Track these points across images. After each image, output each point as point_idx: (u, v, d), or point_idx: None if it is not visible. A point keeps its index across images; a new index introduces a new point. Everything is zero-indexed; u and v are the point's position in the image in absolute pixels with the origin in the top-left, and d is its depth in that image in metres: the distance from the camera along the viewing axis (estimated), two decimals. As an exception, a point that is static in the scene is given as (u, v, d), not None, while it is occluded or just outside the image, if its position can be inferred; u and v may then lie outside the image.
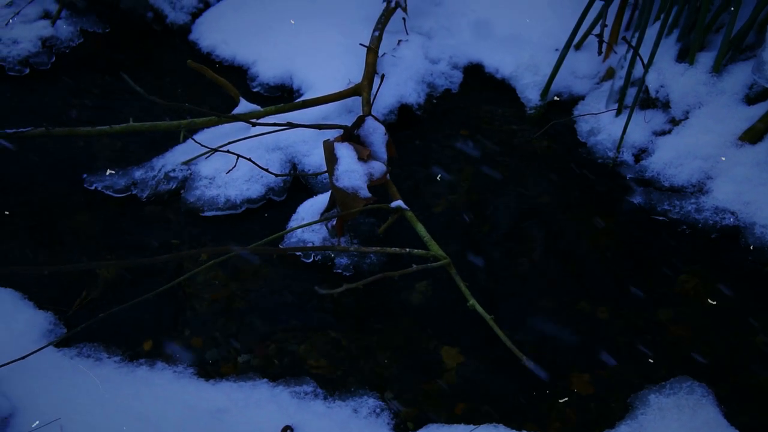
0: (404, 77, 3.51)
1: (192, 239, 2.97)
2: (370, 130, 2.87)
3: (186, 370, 2.49)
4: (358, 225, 2.95)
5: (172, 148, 3.28)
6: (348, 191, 2.73)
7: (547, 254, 2.92)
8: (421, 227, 2.69)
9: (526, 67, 3.64)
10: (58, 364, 2.45)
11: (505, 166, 3.28)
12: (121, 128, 3.11)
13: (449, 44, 3.77)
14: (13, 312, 2.62)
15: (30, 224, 3.02)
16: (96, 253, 2.92)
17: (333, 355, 2.59)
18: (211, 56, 3.82)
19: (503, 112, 3.55)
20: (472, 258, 2.88)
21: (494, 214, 3.09)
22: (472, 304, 2.42)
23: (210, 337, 2.64)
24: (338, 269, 2.84)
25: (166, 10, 4.00)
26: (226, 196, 3.04)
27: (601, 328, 2.66)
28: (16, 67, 3.65)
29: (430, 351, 2.60)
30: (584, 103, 3.50)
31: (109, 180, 3.15)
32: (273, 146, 3.18)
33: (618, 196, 3.12)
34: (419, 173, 3.24)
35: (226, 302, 2.75)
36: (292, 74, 3.64)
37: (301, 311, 2.74)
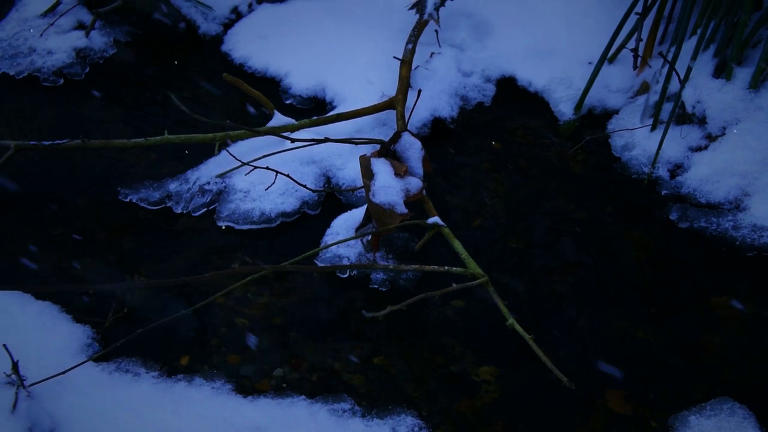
0: (437, 90, 3.51)
1: (227, 253, 2.97)
2: (406, 146, 2.87)
3: (224, 386, 2.49)
4: (392, 239, 2.95)
5: (206, 161, 3.28)
6: (384, 207, 2.73)
7: (582, 271, 2.91)
8: (458, 244, 2.68)
9: (559, 81, 3.63)
10: (97, 379, 2.46)
11: (538, 181, 3.27)
12: (156, 141, 3.13)
13: (481, 57, 3.76)
14: (52, 326, 2.63)
15: (65, 236, 3.03)
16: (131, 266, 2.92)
17: (369, 372, 2.59)
18: (244, 67, 3.82)
19: (536, 125, 3.54)
20: (507, 274, 2.87)
21: (529, 229, 3.08)
22: (511, 323, 2.41)
23: (246, 353, 2.64)
24: (374, 284, 2.84)
25: (199, 20, 4.01)
26: (261, 210, 3.05)
27: (638, 347, 2.65)
28: (50, 77, 3.67)
29: (466, 369, 2.60)
30: (618, 118, 3.48)
31: (143, 192, 3.16)
32: (307, 159, 3.18)
33: (654, 212, 3.11)
34: (452, 187, 3.24)
35: (261, 317, 2.75)
36: (324, 86, 3.64)
37: (336, 326, 2.74)
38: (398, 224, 2.71)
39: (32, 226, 3.06)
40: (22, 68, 3.70)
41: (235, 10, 4.10)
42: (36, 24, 3.86)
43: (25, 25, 3.87)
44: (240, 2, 4.11)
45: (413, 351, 2.65)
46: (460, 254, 2.65)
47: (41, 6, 3.94)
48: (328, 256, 2.90)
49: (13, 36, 3.82)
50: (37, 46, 3.76)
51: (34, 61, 3.71)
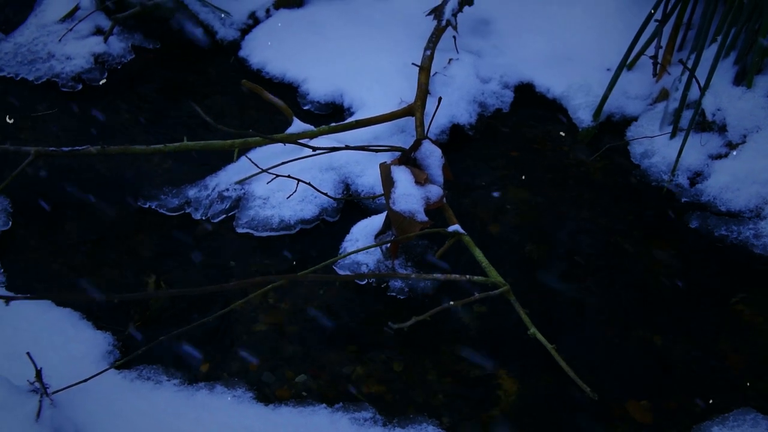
0: (456, 97, 3.50)
1: (246, 259, 2.97)
2: (426, 153, 2.86)
3: (245, 394, 2.49)
4: (411, 247, 2.95)
5: (225, 167, 3.28)
6: (405, 215, 2.72)
7: (602, 278, 2.90)
8: (479, 252, 2.68)
9: (578, 87, 3.62)
10: (119, 386, 2.46)
11: (557, 188, 3.27)
12: (174, 147, 3.13)
13: (499, 63, 3.76)
14: (73, 333, 2.63)
15: (85, 242, 3.03)
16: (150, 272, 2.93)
17: (389, 380, 2.59)
18: (261, 73, 3.83)
19: (555, 132, 3.54)
20: (525, 282, 2.86)
21: (547, 236, 3.08)
22: (533, 332, 2.41)
23: (266, 360, 2.64)
24: (392, 292, 2.84)
25: (216, 26, 4.02)
26: (280, 217, 3.05)
27: (658, 356, 2.64)
28: (69, 83, 3.68)
29: (486, 377, 2.59)
30: (637, 125, 3.47)
31: (162, 198, 3.16)
32: (326, 166, 3.18)
33: (674, 220, 3.10)
34: (471, 194, 3.23)
35: (280, 325, 2.75)
36: (342, 92, 3.64)
37: (355, 334, 2.74)
38: (418, 232, 2.70)
39: (52, 231, 3.07)
40: (41, 73, 3.72)
41: (252, 16, 4.10)
42: (54, 29, 3.88)
43: (44, 30, 3.88)
44: (257, 8, 4.11)
45: (433, 359, 2.65)
46: (480, 263, 2.65)
47: (60, 11, 3.95)
48: (347, 263, 2.90)
49: (32, 41, 3.83)
50: (55, 52, 3.77)
51: (52, 67, 3.73)
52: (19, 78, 3.72)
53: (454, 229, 2.75)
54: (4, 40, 3.87)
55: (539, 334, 2.40)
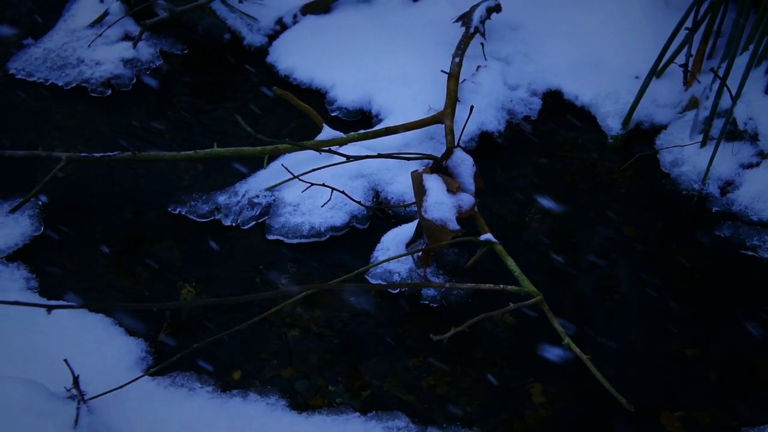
0: (484, 104, 3.50)
1: (277, 266, 2.98)
2: (458, 162, 2.86)
3: (278, 402, 2.49)
4: (442, 255, 2.95)
5: (254, 173, 3.29)
6: (437, 223, 2.72)
7: (633, 288, 2.89)
8: (512, 261, 2.67)
9: (606, 95, 3.61)
10: (153, 393, 2.47)
11: (587, 196, 3.26)
12: (205, 153, 3.14)
13: (527, 70, 3.76)
14: (106, 339, 2.64)
15: (116, 249, 3.05)
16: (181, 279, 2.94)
17: (421, 388, 2.59)
18: (289, 79, 3.84)
19: (583, 140, 3.53)
20: (555, 291, 2.86)
21: (578, 245, 3.07)
22: (567, 343, 2.40)
23: (298, 368, 2.64)
24: (425, 300, 2.84)
25: (244, 32, 4.03)
26: (310, 224, 3.05)
27: (690, 367, 2.63)
28: (98, 88, 3.70)
29: (519, 386, 2.59)
30: (666, 133, 3.46)
31: (192, 205, 3.17)
32: (356, 174, 3.19)
33: (704, 230, 3.09)
34: (499, 202, 3.23)
35: (312, 332, 2.76)
36: (370, 99, 3.65)
37: (386, 342, 2.74)
38: (450, 241, 2.71)
39: (82, 237, 3.08)
40: (71, 79, 3.74)
41: (279, 22, 4.11)
42: (84, 35, 3.90)
43: (73, 35, 3.90)
44: (284, 14, 4.12)
45: (465, 367, 2.65)
46: (513, 272, 2.65)
47: (89, 16, 3.97)
48: (379, 272, 2.90)
49: (61, 47, 3.85)
50: (85, 57, 3.79)
51: (82, 72, 3.74)
52: (48, 83, 3.74)
53: (486, 237, 2.75)
54: (34, 46, 3.89)
55: (573, 344, 2.40)
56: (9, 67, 3.80)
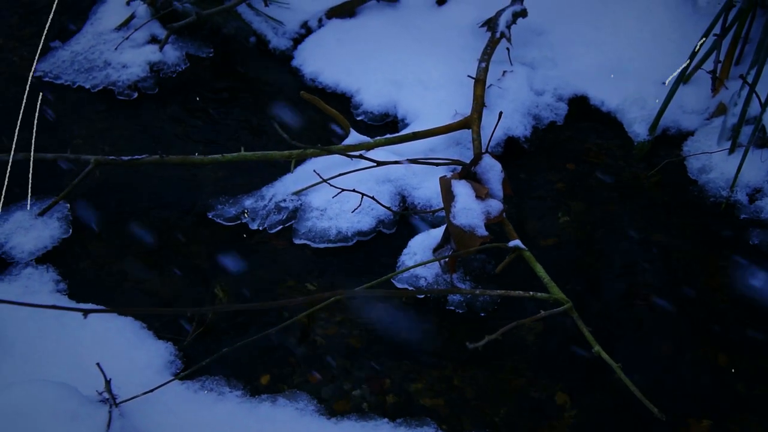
0: (510, 109, 3.49)
1: (304, 271, 2.98)
2: (486, 168, 2.86)
3: (307, 407, 2.50)
4: (469, 261, 2.95)
5: (281, 177, 3.30)
6: (465, 229, 2.72)
7: (661, 295, 2.88)
8: (540, 268, 2.67)
9: (633, 101, 3.59)
10: (183, 397, 2.48)
11: (613, 202, 3.25)
12: (232, 157, 3.15)
13: (553, 75, 3.75)
14: (136, 342, 2.66)
15: (143, 251, 3.06)
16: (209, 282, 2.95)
17: (448, 394, 2.59)
18: (315, 82, 3.84)
19: (610, 145, 3.52)
20: (583, 297, 2.85)
21: (604, 251, 3.06)
22: (597, 350, 2.39)
23: (325, 373, 2.65)
24: (451, 306, 2.84)
25: (269, 35, 4.04)
26: (337, 229, 3.06)
27: (719, 375, 2.62)
28: (125, 91, 3.71)
29: (545, 393, 2.59)
30: (693, 139, 3.44)
31: (219, 208, 3.18)
32: (383, 178, 3.19)
33: (733, 237, 3.07)
34: (525, 207, 3.23)
35: (339, 337, 2.76)
36: (396, 103, 3.65)
37: (413, 347, 2.74)
38: (479, 247, 2.70)
39: (110, 239, 3.10)
40: (98, 82, 3.76)
41: (305, 25, 4.12)
42: (110, 38, 3.92)
43: (100, 38, 3.92)
44: (310, 17, 4.12)
45: (492, 374, 2.65)
46: (542, 278, 2.64)
47: (115, 20, 3.99)
48: (406, 277, 2.90)
49: (88, 49, 3.87)
50: (112, 60, 3.81)
51: (109, 75, 3.76)
52: (76, 86, 3.76)
53: (514, 244, 2.75)
54: (62, 48, 3.91)
55: (604, 353, 2.39)
56: (37, 69, 3.83)
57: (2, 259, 2.97)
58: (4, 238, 3.01)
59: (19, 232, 3.03)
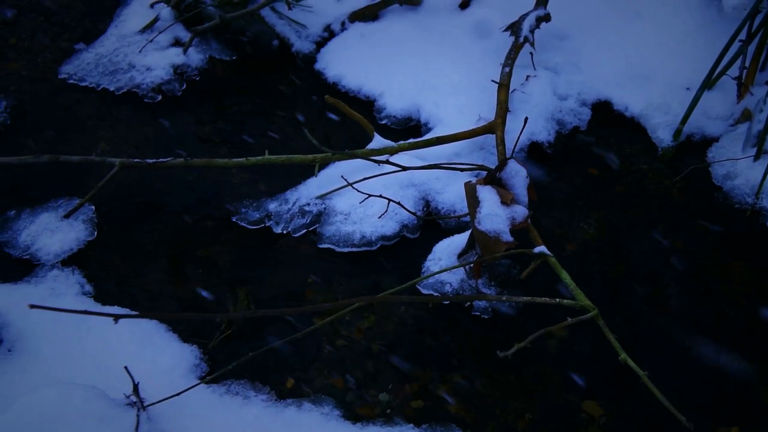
0: (534, 114, 3.49)
1: (328, 275, 2.99)
2: (512, 173, 2.85)
3: (332, 411, 2.50)
4: (494, 266, 2.94)
5: (305, 181, 3.31)
6: (490, 235, 2.72)
7: (686, 302, 2.87)
8: (566, 274, 2.66)
9: (657, 106, 3.58)
10: (209, 401, 2.49)
11: (637, 208, 3.24)
12: (256, 160, 3.15)
13: (577, 80, 3.74)
14: (161, 345, 2.67)
15: (168, 254, 3.07)
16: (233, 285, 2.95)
17: (473, 400, 2.59)
18: (338, 86, 3.84)
19: (633, 151, 3.51)
20: (606, 304, 2.84)
21: (627, 258, 3.06)
22: (624, 358, 2.39)
23: (350, 378, 2.66)
24: (476, 311, 2.84)
25: (292, 38, 4.04)
26: (361, 233, 3.06)
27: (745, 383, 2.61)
28: (149, 93, 3.72)
29: (571, 400, 2.58)
30: (718, 146, 3.43)
31: (243, 211, 3.19)
32: (407, 183, 3.19)
33: (758, 244, 3.06)
34: (548, 212, 3.22)
35: (363, 341, 2.77)
36: (419, 107, 3.65)
37: (437, 352, 2.75)
38: (504, 253, 2.70)
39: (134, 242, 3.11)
40: (122, 84, 3.77)
41: (327, 29, 4.12)
42: (134, 40, 3.92)
43: (124, 41, 3.93)
44: (333, 21, 4.12)
45: (516, 380, 2.65)
46: (568, 285, 2.63)
47: (139, 22, 3.99)
48: (431, 282, 2.90)
49: (112, 52, 3.88)
50: (136, 63, 3.82)
51: (133, 77, 3.77)
52: (100, 88, 3.77)
53: (540, 250, 2.74)
54: (86, 51, 3.92)
55: (630, 360, 2.38)
56: (61, 71, 3.84)
57: (28, 260, 2.98)
58: (30, 240, 3.02)
59: (45, 234, 3.04)
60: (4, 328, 2.60)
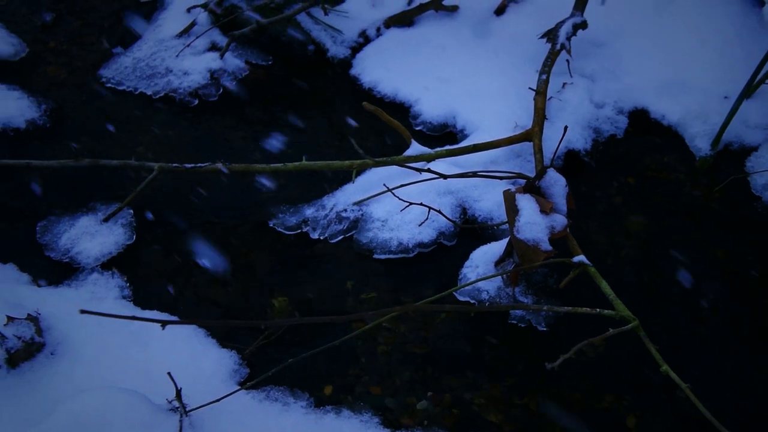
0: (571, 122, 3.48)
1: (365, 282, 2.99)
2: (551, 182, 2.85)
3: (371, 419, 2.51)
4: (531, 275, 2.94)
5: (341, 187, 3.31)
6: (529, 243, 2.71)
7: (727, 313, 2.86)
8: (606, 284, 2.65)
9: (695, 115, 3.56)
10: (249, 407, 2.50)
11: (675, 217, 3.23)
12: (294, 166, 3.16)
13: (613, 88, 3.72)
14: (201, 350, 2.68)
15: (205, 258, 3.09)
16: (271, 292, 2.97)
17: (510, 409, 2.58)
18: (373, 92, 3.85)
19: (670, 160, 3.49)
20: (649, 314, 2.83)
21: (666, 268, 3.04)
22: (665, 369, 2.37)
23: (388, 385, 2.66)
24: (513, 320, 2.83)
25: (328, 44, 4.06)
26: (398, 240, 3.06)
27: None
28: (186, 98, 3.75)
29: (609, 410, 2.57)
30: (757, 155, 3.41)
31: (280, 217, 3.20)
32: (444, 190, 3.19)
33: (798, 256, 3.04)
34: (585, 221, 3.21)
35: (400, 349, 2.77)
36: (455, 114, 3.65)
37: (474, 360, 2.74)
38: (543, 262, 2.69)
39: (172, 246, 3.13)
40: (159, 88, 3.79)
41: (363, 34, 4.13)
42: (171, 44, 3.95)
43: (161, 45, 3.96)
44: (368, 26, 4.13)
45: (556, 390, 2.64)
46: (607, 295, 2.62)
47: (176, 26, 4.03)
48: (468, 289, 2.90)
49: (150, 56, 3.91)
50: (173, 67, 3.85)
51: (170, 82, 3.80)
52: (138, 92, 3.80)
53: (579, 259, 2.73)
54: (123, 55, 3.95)
55: (672, 372, 2.36)
56: (100, 75, 3.87)
57: (69, 264, 3.00)
58: (70, 244, 3.05)
59: (85, 238, 3.06)
60: (47, 332, 2.62)
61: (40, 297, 2.81)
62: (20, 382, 2.46)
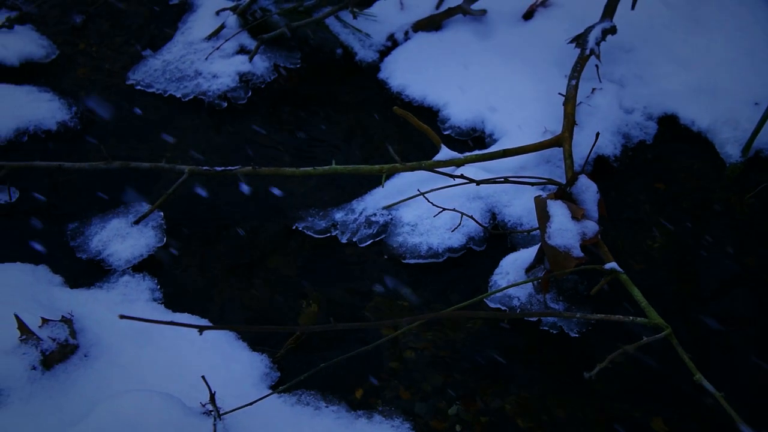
0: (600, 128, 3.46)
1: (395, 286, 2.99)
2: (582, 188, 2.84)
3: (403, 424, 2.51)
4: (562, 281, 2.93)
5: (371, 191, 3.32)
6: (560, 250, 2.71)
7: (758, 320, 2.84)
8: (638, 292, 2.64)
9: (725, 121, 3.55)
10: (281, 411, 2.50)
11: (704, 224, 3.21)
12: (323, 170, 3.17)
13: (642, 93, 3.71)
14: (232, 354, 2.69)
15: (235, 262, 3.10)
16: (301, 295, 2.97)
17: (541, 416, 2.58)
18: (401, 96, 3.85)
19: (700, 166, 3.48)
20: (679, 321, 2.82)
21: (696, 275, 3.03)
22: (699, 378, 2.37)
23: (418, 390, 2.66)
24: (544, 327, 2.83)
25: (356, 47, 4.06)
26: (428, 245, 3.06)
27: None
28: (215, 101, 3.76)
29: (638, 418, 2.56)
30: (789, 162, 3.39)
31: (310, 220, 3.21)
32: (474, 195, 3.19)
33: (831, 264, 3.02)
34: (616, 227, 3.20)
35: (430, 354, 2.77)
36: (483, 118, 3.65)
37: (504, 366, 2.74)
38: (574, 268, 2.69)
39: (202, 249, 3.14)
40: (188, 91, 3.81)
41: (391, 38, 4.13)
42: (200, 47, 3.97)
43: (191, 48, 3.98)
44: (396, 30, 4.14)
45: (585, 397, 2.63)
46: (639, 303, 2.62)
47: (205, 29, 4.05)
48: (498, 296, 2.90)
49: (179, 59, 3.93)
50: (202, 70, 3.86)
51: (199, 84, 3.81)
52: (167, 95, 3.82)
53: (611, 266, 2.73)
54: (153, 57, 3.98)
55: (706, 381, 2.36)
56: (129, 77, 3.90)
57: (100, 266, 3.02)
58: (101, 246, 3.07)
59: (116, 240, 3.08)
60: (80, 333, 2.64)
61: (73, 299, 2.82)
62: (55, 383, 2.48)
